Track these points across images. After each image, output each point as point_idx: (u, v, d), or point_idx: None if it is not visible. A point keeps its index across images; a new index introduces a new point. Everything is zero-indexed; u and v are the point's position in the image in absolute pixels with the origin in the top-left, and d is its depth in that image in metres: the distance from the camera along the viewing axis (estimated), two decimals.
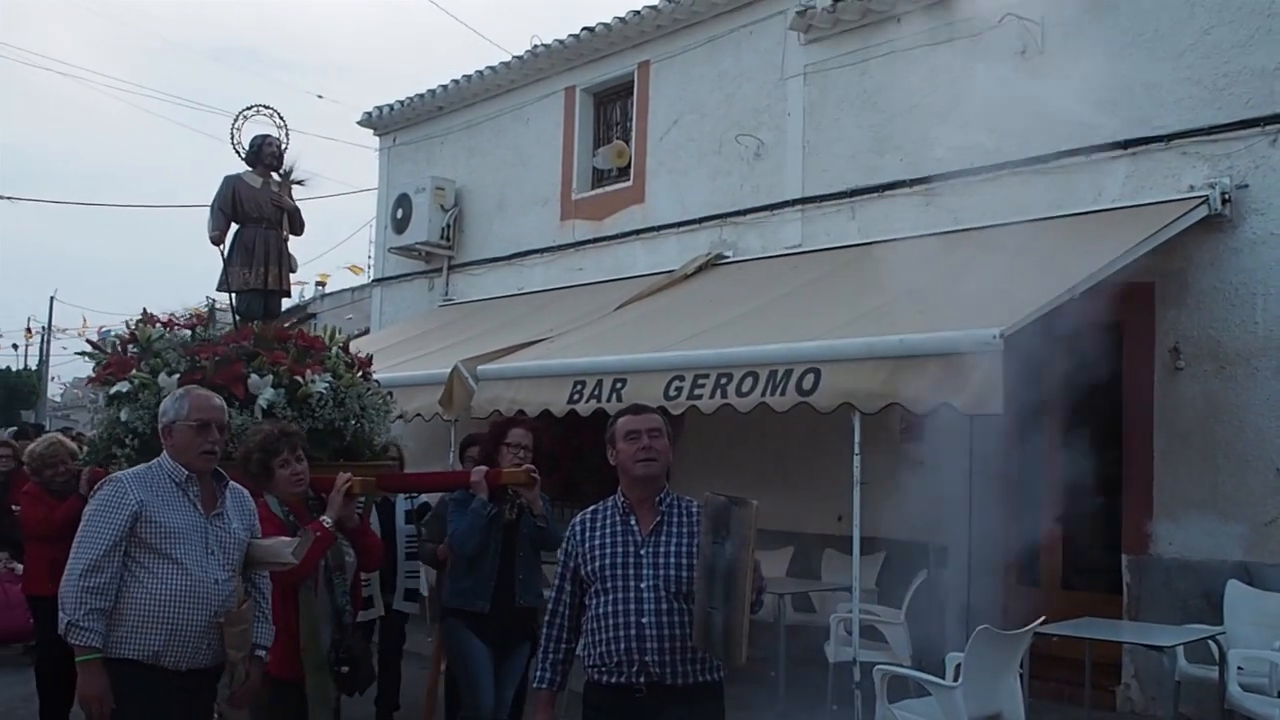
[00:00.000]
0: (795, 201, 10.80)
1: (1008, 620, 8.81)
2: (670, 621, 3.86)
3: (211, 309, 7.30)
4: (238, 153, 7.35)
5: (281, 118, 7.46)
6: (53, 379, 47.78)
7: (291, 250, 7.44)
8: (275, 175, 7.44)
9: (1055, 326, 7.33)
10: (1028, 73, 9.08)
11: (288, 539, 4.55)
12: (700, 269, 11.18)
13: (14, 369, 44.91)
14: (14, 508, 8.66)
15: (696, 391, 7.94)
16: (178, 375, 6.26)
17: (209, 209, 7.22)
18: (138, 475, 4.28)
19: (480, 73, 14.30)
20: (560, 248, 13.34)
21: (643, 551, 3.96)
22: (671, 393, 8.10)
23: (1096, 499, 9.02)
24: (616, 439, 4.09)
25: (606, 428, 4.17)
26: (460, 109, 14.94)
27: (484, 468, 5.90)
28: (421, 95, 15.19)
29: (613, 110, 13.31)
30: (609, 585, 3.94)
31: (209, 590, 4.21)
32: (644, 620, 3.86)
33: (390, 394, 7.54)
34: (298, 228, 7.48)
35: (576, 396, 8.80)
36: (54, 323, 43.50)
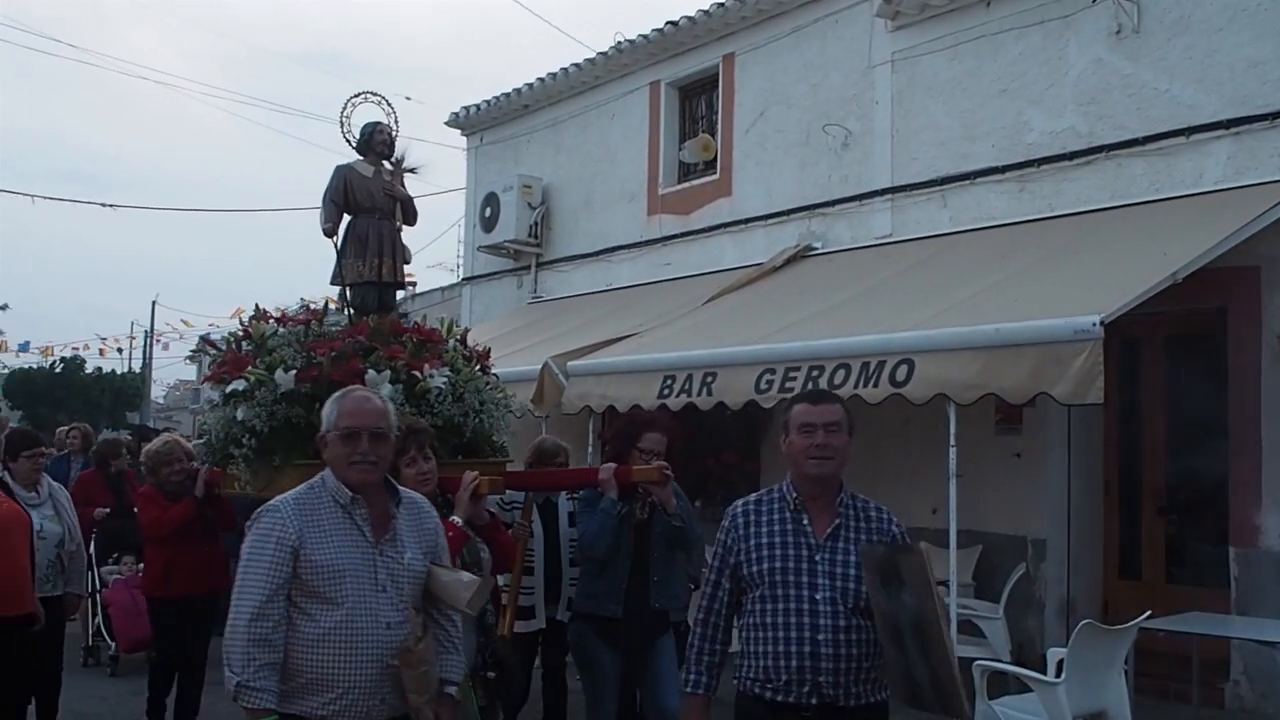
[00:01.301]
0: (884, 191, 10.67)
1: (1109, 615, 8.65)
2: (848, 640, 3.53)
3: (325, 304, 7.03)
4: (348, 141, 7.13)
5: (390, 105, 7.23)
6: (155, 381, 49.01)
7: (405, 241, 7.20)
8: (386, 164, 7.19)
9: (1157, 313, 7.16)
10: (1123, 53, 8.88)
11: (466, 578, 3.84)
12: (789, 261, 11.10)
13: (118, 372, 46.03)
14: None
15: (787, 385, 7.87)
16: (294, 372, 6.06)
17: (321, 200, 7.01)
18: (298, 500, 3.63)
19: (565, 70, 14.34)
20: (647, 243, 13.33)
21: (818, 558, 3.59)
22: (762, 386, 8.05)
23: (1201, 490, 8.80)
24: (790, 428, 3.70)
25: (782, 413, 3.79)
26: (546, 107, 15.00)
27: (612, 465, 5.55)
28: (507, 94, 15.28)
29: (698, 104, 13.26)
30: (779, 593, 3.58)
31: (378, 637, 3.53)
32: (820, 638, 3.51)
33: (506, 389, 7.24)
34: (410, 217, 7.23)
35: (666, 391, 8.78)
36: (155, 326, 44.49)
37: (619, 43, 13.50)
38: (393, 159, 7.21)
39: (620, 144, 13.83)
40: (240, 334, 6.64)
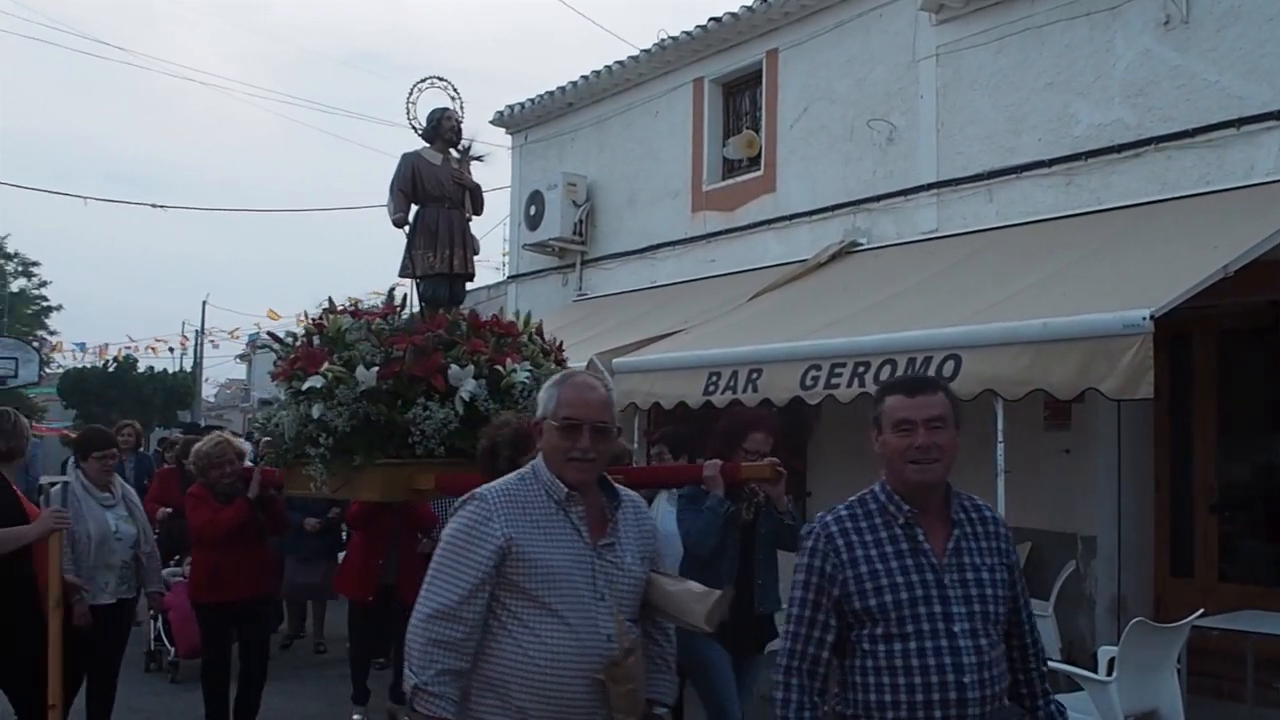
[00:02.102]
0: (930, 186, 10.61)
1: (1161, 613, 8.56)
2: (992, 676, 2.98)
3: (403, 298, 6.71)
4: (414, 129, 6.89)
5: (455, 90, 6.95)
6: (206, 380, 49.57)
7: (473, 231, 6.98)
8: (454, 151, 6.94)
9: (1208, 307, 7.07)
10: (1171, 44, 8.78)
11: (697, 588, 3.39)
12: (834, 257, 11.06)
13: (170, 371, 46.60)
14: None
15: (833, 381, 7.84)
16: (376, 368, 5.80)
17: (388, 190, 6.79)
18: (507, 492, 3.22)
19: (609, 68, 14.35)
20: (692, 240, 13.32)
21: (946, 580, 3.00)
22: (808, 382, 8.02)
23: (1254, 486, 8.70)
24: (884, 424, 3.12)
25: (874, 406, 3.22)
26: (590, 105, 15.03)
27: (718, 461, 5.29)
28: (551, 93, 15.32)
29: (742, 100, 13.24)
30: (909, 629, 2.95)
31: (596, 649, 3.11)
32: (965, 680, 2.92)
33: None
34: (479, 206, 6.99)
35: (712, 388, 8.78)
36: (205, 325, 45.03)
37: (662, 40, 13.50)
38: (460, 145, 6.98)
39: (664, 141, 13.83)
40: (312, 328, 6.38)
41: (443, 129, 6.85)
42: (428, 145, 6.88)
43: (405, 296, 6.80)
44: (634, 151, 14.34)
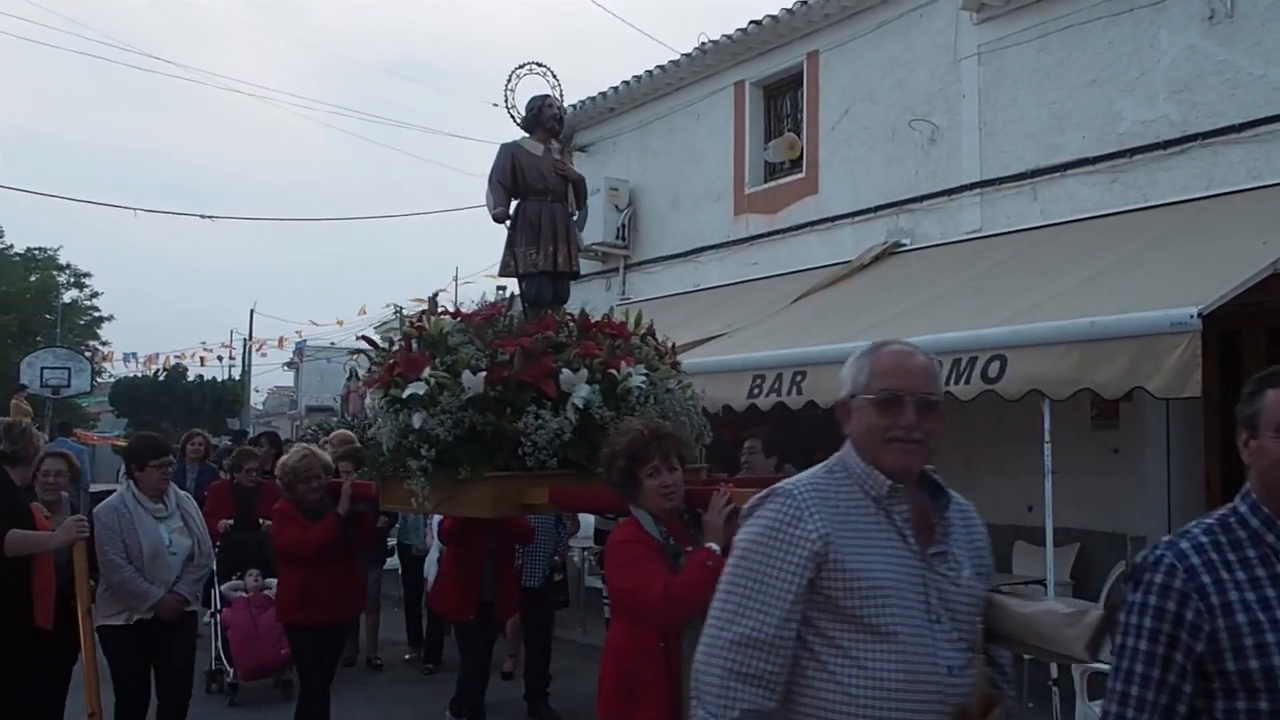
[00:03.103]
0: (973, 185, 10.57)
1: None
2: None
3: (511, 297, 6.26)
4: (513, 118, 6.44)
5: (555, 75, 6.50)
6: (255, 389, 50.10)
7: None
8: (554, 141, 6.53)
9: (1257, 304, 7.00)
10: (1216, 39, 8.71)
11: (1065, 607, 2.65)
12: (877, 258, 11.04)
13: (219, 379, 47.14)
14: (261, 521, 8.46)
15: None
16: (484, 374, 5.31)
17: (486, 183, 6.35)
18: (816, 487, 2.56)
19: (650, 72, 14.40)
20: (734, 243, 13.33)
21: None
22: None
23: None
24: (1262, 425, 2.38)
25: (1244, 400, 2.51)
26: (631, 109, 15.08)
27: None
28: (593, 98, 15.38)
29: (783, 102, 13.24)
30: None
31: (935, 685, 2.44)
32: None
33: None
34: (581, 199, 6.60)
35: (756, 390, 8.78)
36: (253, 334, 45.52)
37: (703, 44, 13.53)
38: (561, 135, 6.57)
39: (706, 144, 13.85)
40: (411, 331, 5.82)
41: (544, 118, 6.41)
42: (527, 135, 6.45)
43: (512, 296, 6.34)
44: (676, 155, 14.37)
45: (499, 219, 6.26)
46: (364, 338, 6.56)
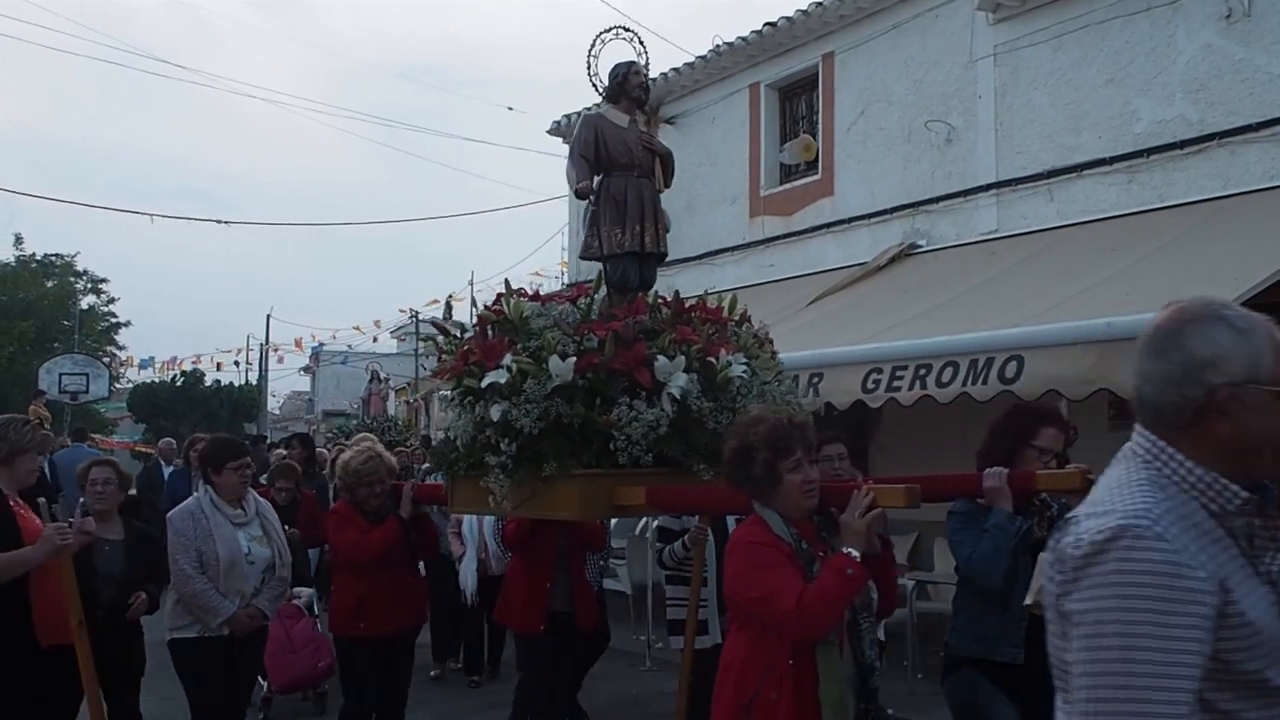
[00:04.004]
0: (989, 186, 10.55)
1: None
2: None
3: (599, 277, 5.70)
4: (595, 87, 5.95)
5: (642, 42, 5.98)
6: (272, 395, 50.31)
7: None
8: (639, 113, 5.99)
9: (1275, 304, 6.96)
10: (1234, 38, 8.69)
11: None
12: (893, 260, 11.03)
13: (236, 384, 47.38)
14: (286, 528, 8.24)
15: (895, 384, 7.84)
16: (574, 359, 4.81)
17: (568, 156, 5.89)
18: (1175, 512, 1.88)
19: (664, 75, 14.40)
20: (750, 245, 13.33)
21: None
22: (869, 385, 8.02)
23: None
24: None
25: None
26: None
27: (1002, 470, 4.31)
28: None
29: (798, 104, 13.24)
30: None
31: None
32: None
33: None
34: (669, 176, 6.05)
35: None
36: (269, 339, 45.73)
37: (717, 46, 13.53)
38: (648, 106, 6.06)
39: (721, 147, 13.86)
40: (489, 314, 5.30)
41: (629, 86, 5.88)
42: (611, 105, 5.92)
43: (600, 275, 5.74)
44: (691, 158, 14.35)
45: (582, 195, 5.83)
46: (434, 323, 6.19)
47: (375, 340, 43.32)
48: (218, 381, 46.52)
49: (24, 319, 38.55)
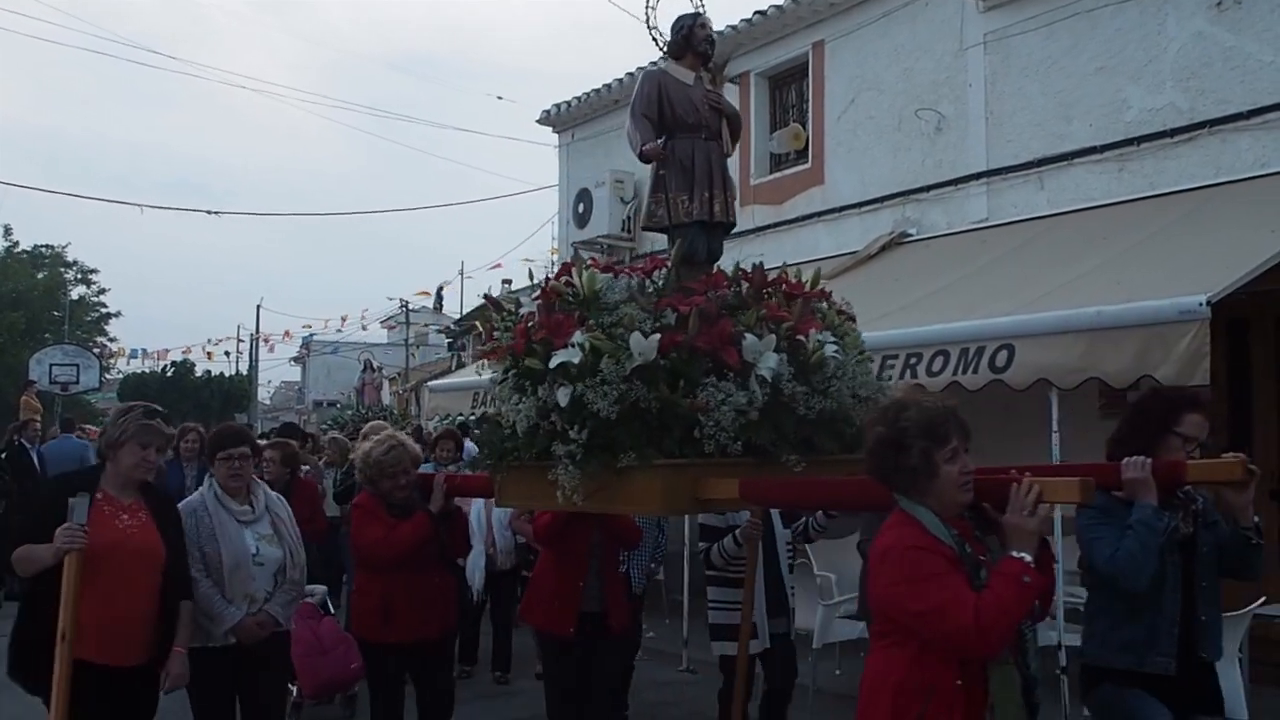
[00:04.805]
0: (980, 174, 10.53)
1: (1223, 602, 8.44)
2: None
3: (681, 246, 5.09)
4: (655, 41, 5.48)
5: None
6: (262, 384, 50.22)
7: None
8: (703, 70, 5.49)
9: (1266, 292, 6.97)
10: (1225, 25, 8.67)
11: None
12: (884, 248, 11.01)
13: (226, 375, 47.34)
14: None
15: (885, 373, 7.81)
16: (657, 336, 4.26)
17: (629, 115, 5.43)
18: None
19: (653, 63, 14.33)
20: (740, 234, 13.27)
21: None
22: None
23: None
24: None
25: None
26: None
27: (1144, 459, 3.85)
28: (598, 90, 15.34)
29: (788, 93, 13.19)
30: None
31: None
32: None
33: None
34: (736, 137, 5.57)
35: None
36: (260, 329, 45.69)
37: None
38: (712, 62, 5.54)
39: None
40: (561, 287, 4.71)
41: (695, 39, 5.39)
42: (674, 61, 5.45)
43: (679, 245, 5.14)
44: None
45: (651, 157, 5.28)
46: (486, 297, 5.31)
47: (364, 329, 43.32)
48: (208, 372, 46.49)
49: (14, 309, 38.49)
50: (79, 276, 45.39)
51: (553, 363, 4.29)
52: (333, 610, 7.68)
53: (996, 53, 10.41)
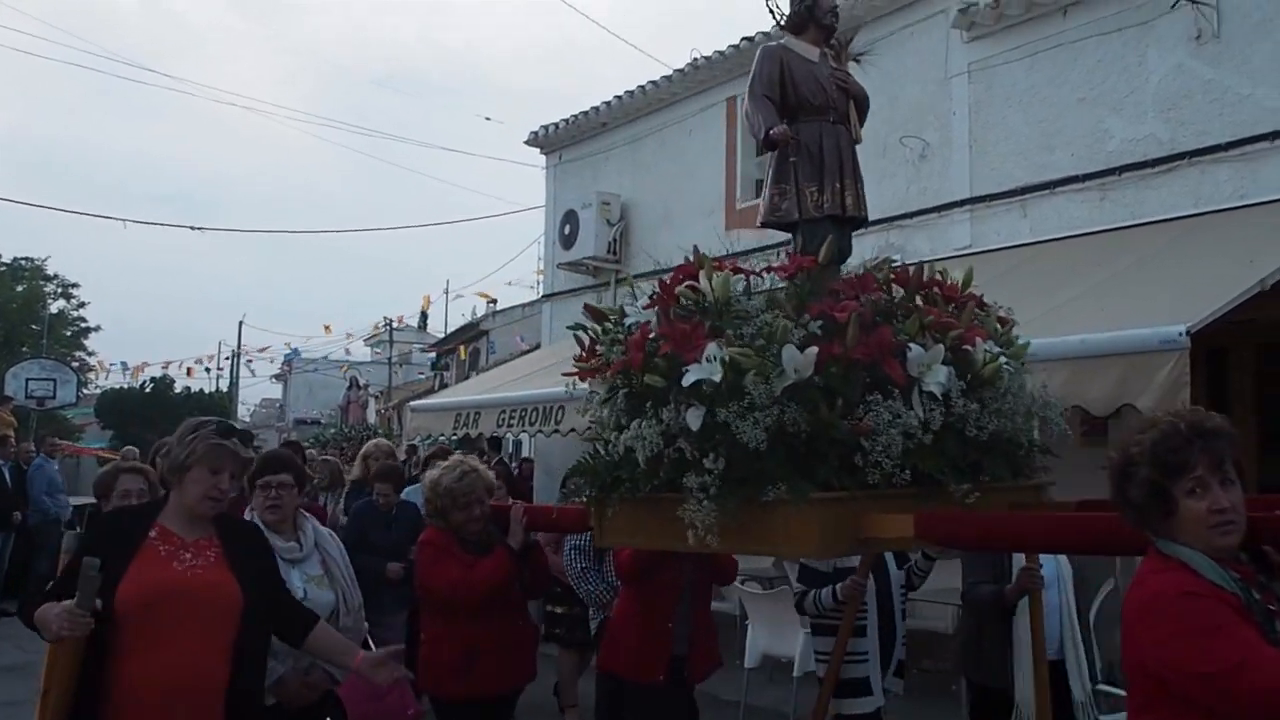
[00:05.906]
0: (964, 202, 10.62)
1: None
2: None
3: (828, 245, 4.24)
4: (773, 15, 4.87)
5: None
6: (242, 402, 50.06)
7: None
8: (827, 47, 4.89)
9: (1245, 322, 7.04)
10: (1204, 58, 8.78)
11: None
12: None
13: (206, 391, 47.14)
14: None
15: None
16: (815, 349, 3.53)
17: (748, 96, 4.74)
18: None
19: (643, 88, 14.45)
20: (726, 257, 13.26)
21: None
22: None
23: None
24: None
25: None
26: (624, 124, 15.12)
27: None
28: (586, 113, 15.42)
29: None
30: None
31: None
32: None
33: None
34: (863, 121, 5.00)
35: None
36: (241, 346, 45.56)
37: (695, 60, 13.59)
38: (836, 39, 4.96)
39: (698, 160, 13.90)
40: (688, 293, 3.97)
41: (820, 11, 4.82)
42: (794, 36, 4.83)
43: (829, 241, 4.33)
44: (668, 170, 14.41)
45: (776, 142, 4.57)
46: (587, 306, 4.41)
47: (348, 352, 43.24)
48: (188, 388, 46.26)
49: None
50: (59, 290, 45.16)
51: (686, 380, 3.56)
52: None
53: (980, 82, 10.52)
